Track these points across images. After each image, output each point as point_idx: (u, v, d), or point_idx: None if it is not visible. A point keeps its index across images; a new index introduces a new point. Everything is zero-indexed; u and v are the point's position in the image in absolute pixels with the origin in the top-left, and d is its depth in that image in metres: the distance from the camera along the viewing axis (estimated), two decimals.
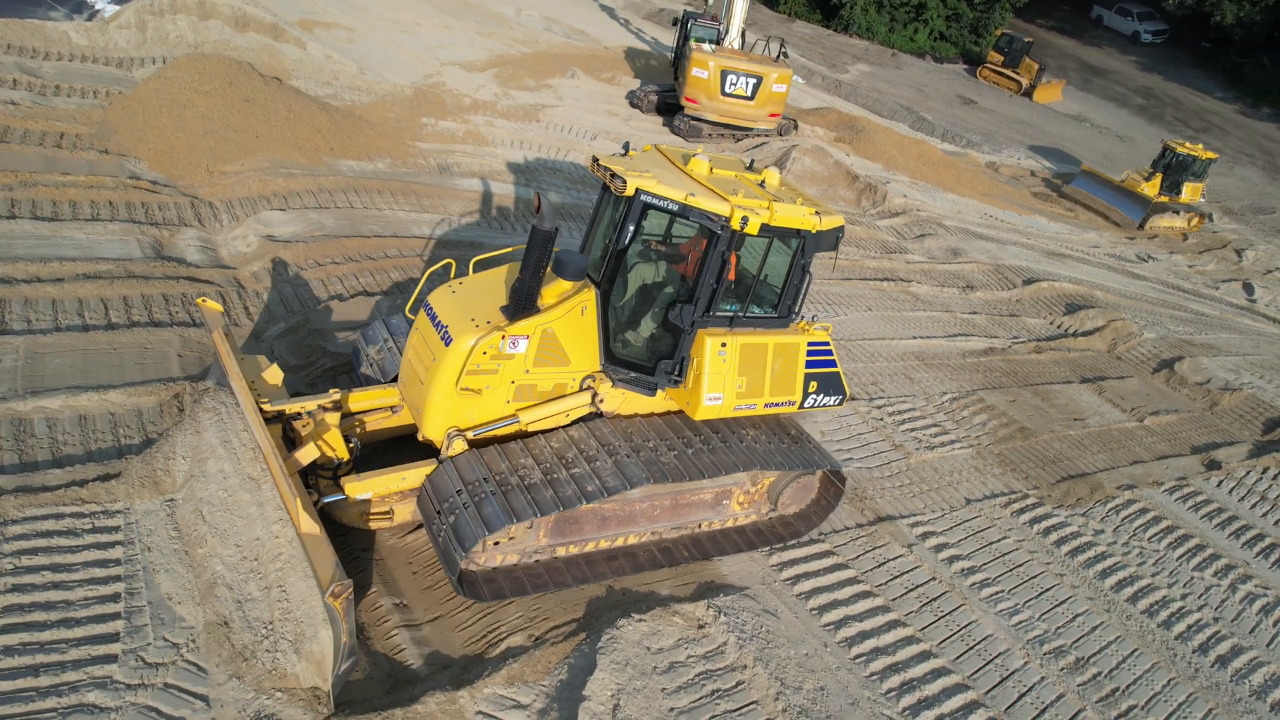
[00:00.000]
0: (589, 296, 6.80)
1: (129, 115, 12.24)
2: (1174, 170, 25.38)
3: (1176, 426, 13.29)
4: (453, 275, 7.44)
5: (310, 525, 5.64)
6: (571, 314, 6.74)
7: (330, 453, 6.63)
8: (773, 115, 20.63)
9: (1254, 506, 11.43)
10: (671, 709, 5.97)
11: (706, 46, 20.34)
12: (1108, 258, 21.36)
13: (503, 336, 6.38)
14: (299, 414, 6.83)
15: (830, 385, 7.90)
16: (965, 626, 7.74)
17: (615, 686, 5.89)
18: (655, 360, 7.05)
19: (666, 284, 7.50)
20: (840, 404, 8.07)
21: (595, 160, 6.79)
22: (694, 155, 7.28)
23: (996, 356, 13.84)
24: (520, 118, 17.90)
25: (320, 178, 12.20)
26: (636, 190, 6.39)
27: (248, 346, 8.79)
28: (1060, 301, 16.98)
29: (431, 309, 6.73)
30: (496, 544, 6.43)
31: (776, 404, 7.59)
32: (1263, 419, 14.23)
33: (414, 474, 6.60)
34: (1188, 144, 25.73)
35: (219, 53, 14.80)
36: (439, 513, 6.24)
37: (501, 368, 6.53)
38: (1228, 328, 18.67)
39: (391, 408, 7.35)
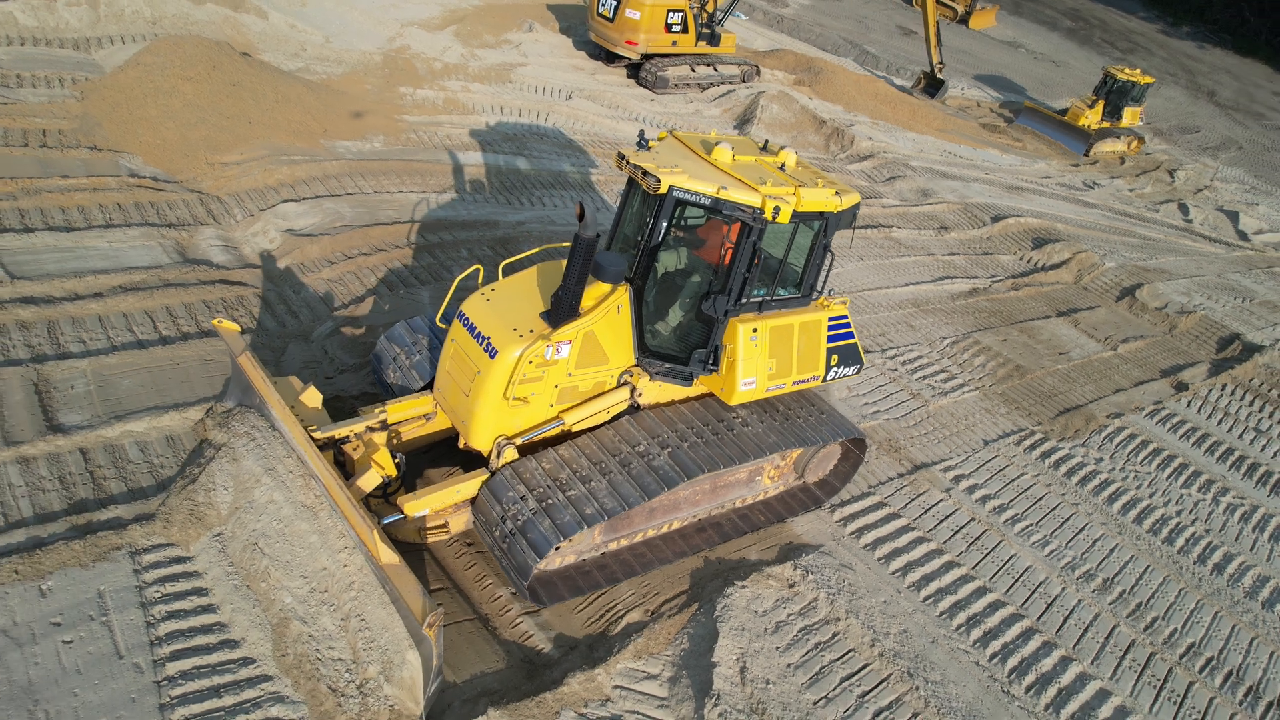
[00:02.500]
0: (623, 294, 6.81)
1: (112, 107, 11.75)
2: (1115, 96, 26.45)
3: (1145, 352, 14.42)
4: (480, 281, 7.34)
5: (390, 556, 5.59)
6: (609, 314, 6.77)
7: (381, 472, 6.56)
8: (629, 43, 19.73)
9: (1220, 423, 12.64)
10: (788, 665, 6.61)
11: None
12: (1059, 188, 22.40)
13: (548, 344, 6.38)
14: (347, 437, 6.76)
15: (849, 356, 8.15)
16: (1008, 561, 8.58)
17: (738, 650, 6.49)
18: (689, 350, 7.12)
19: (691, 271, 7.50)
20: (857, 372, 8.36)
21: (623, 158, 6.67)
22: (714, 143, 7.23)
23: (981, 297, 14.67)
24: (493, 80, 17.64)
25: (322, 163, 12.01)
26: (670, 188, 6.36)
27: (295, 349, 8.85)
28: (1027, 237, 17.91)
29: (468, 319, 6.66)
30: (557, 548, 6.43)
31: (803, 380, 7.76)
32: (1215, 338, 15.52)
33: (469, 485, 6.60)
34: (1127, 69, 26.79)
35: (187, 32, 14.17)
36: (503, 520, 6.27)
37: (546, 374, 6.55)
38: (1173, 250, 19.97)
39: (425, 416, 7.25)
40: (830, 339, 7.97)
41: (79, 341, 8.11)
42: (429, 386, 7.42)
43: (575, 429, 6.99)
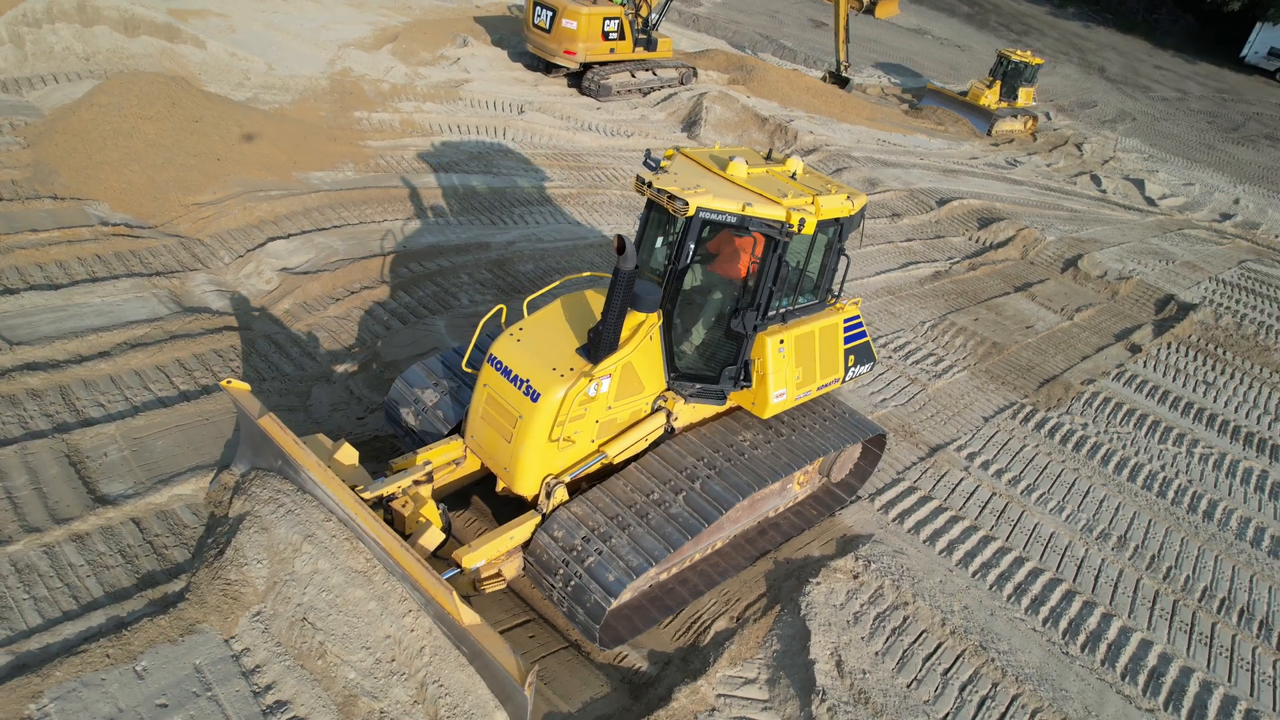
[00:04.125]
0: (654, 320, 6.72)
1: (67, 152, 11.14)
2: (1010, 77, 27.89)
3: (1097, 319, 15.39)
4: (504, 321, 7.18)
5: (473, 616, 5.39)
6: (644, 343, 6.69)
7: (438, 526, 6.38)
8: (568, 53, 19.76)
9: (1175, 379, 13.63)
10: (875, 653, 6.89)
11: None
12: (987, 168, 23.57)
13: (590, 381, 6.27)
14: (394, 494, 6.51)
15: (864, 354, 8.35)
16: (1034, 529, 9.11)
17: (831, 645, 6.73)
18: (719, 368, 7.10)
19: (709, 288, 7.41)
20: (870, 369, 8.59)
21: (646, 183, 6.48)
22: (725, 158, 7.11)
23: (945, 280, 15.37)
24: (443, 98, 17.42)
25: (300, 196, 11.67)
26: (697, 209, 6.25)
27: (320, 392, 8.65)
28: (972, 217, 18.81)
29: (501, 363, 6.47)
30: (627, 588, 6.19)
31: (826, 385, 7.87)
32: (1153, 300, 16.68)
33: (521, 530, 6.44)
34: (1019, 51, 28.27)
35: (124, 66, 13.51)
36: (565, 564, 6.14)
37: (588, 410, 6.45)
38: (1097, 220, 21.30)
39: (455, 461, 7.07)
40: (846, 340, 8.12)
41: (98, 406, 7.72)
42: (455, 430, 7.21)
43: (617, 461, 6.91)
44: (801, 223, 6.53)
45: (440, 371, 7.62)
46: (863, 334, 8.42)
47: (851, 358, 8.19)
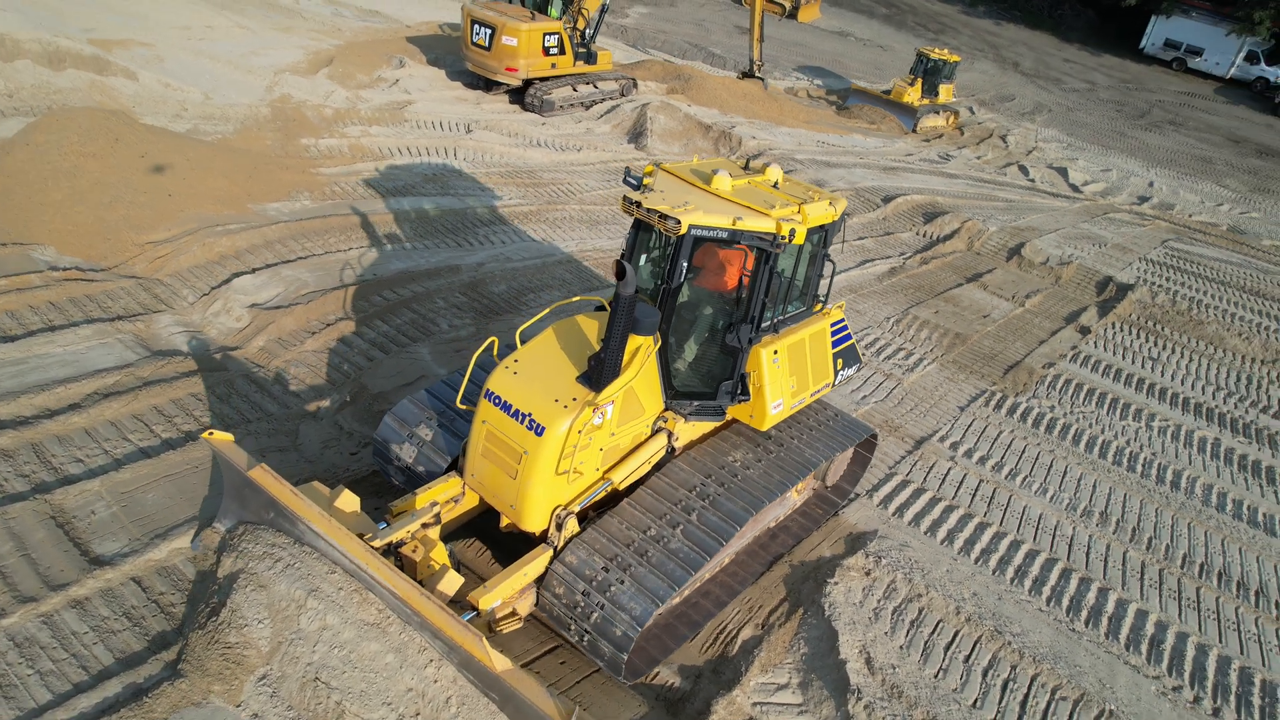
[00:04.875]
0: (649, 342, 6.61)
1: (4, 195, 10.55)
2: (930, 75, 28.79)
3: (1046, 304, 16.01)
4: (496, 353, 7.05)
5: (504, 662, 5.24)
6: (643, 365, 6.59)
7: (436, 568, 6.21)
8: (510, 70, 19.62)
9: (1124, 356, 14.27)
10: (899, 647, 7.01)
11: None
12: (923, 163, 24.30)
13: (594, 410, 6.16)
14: (403, 540, 6.31)
15: (850, 356, 8.42)
16: (1024, 512, 9.41)
17: (859, 644, 6.82)
18: (715, 384, 7.04)
19: (699, 304, 7.27)
20: (857, 370, 8.69)
21: (635, 204, 6.37)
22: (707, 172, 7.04)
23: (901, 275, 15.78)
24: (388, 121, 17.11)
25: (260, 229, 11.31)
26: (689, 227, 6.18)
27: (308, 430, 8.39)
28: (917, 213, 19.37)
29: (499, 397, 6.29)
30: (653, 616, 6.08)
31: (818, 390, 7.87)
32: (1093, 283, 17.44)
33: (534, 566, 6.28)
34: (937, 50, 29.26)
35: (52, 102, 12.89)
36: (586, 595, 6.04)
37: (593, 439, 6.36)
38: (1031, 209, 22.17)
39: (454, 499, 6.88)
40: (834, 344, 8.14)
41: (76, 461, 7.33)
42: (451, 466, 6.99)
43: (622, 487, 6.84)
44: (792, 233, 6.49)
45: (429, 406, 7.34)
46: (848, 336, 8.51)
47: (840, 361, 8.25)
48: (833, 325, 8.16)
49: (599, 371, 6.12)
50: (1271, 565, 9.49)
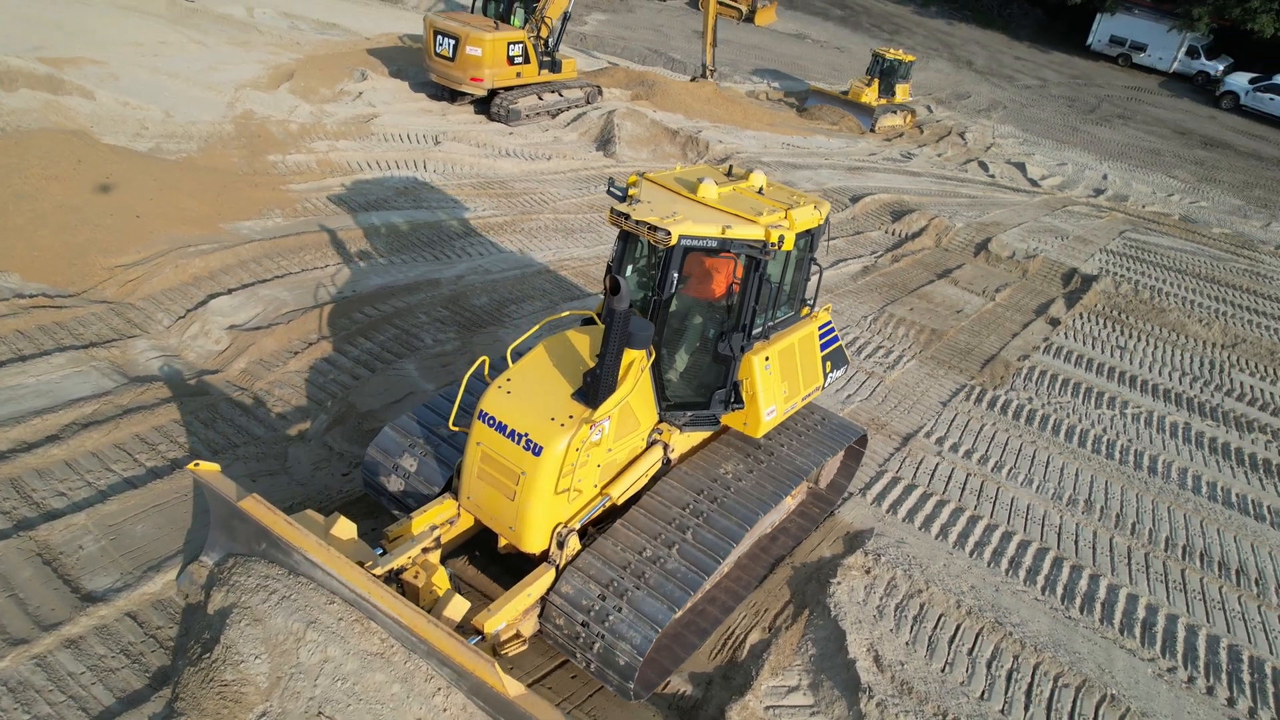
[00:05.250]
0: (642, 355, 6.50)
1: None
2: (886, 75, 29.19)
3: (1016, 297, 16.32)
4: (486, 373, 6.90)
5: (517, 687, 5.15)
6: (638, 380, 6.51)
7: (440, 593, 6.12)
8: (475, 80, 19.57)
9: (1094, 346, 14.60)
10: (905, 643, 7.08)
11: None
12: (886, 162, 24.65)
13: (591, 427, 6.06)
14: (404, 566, 6.19)
15: (838, 358, 8.48)
16: (1012, 503, 9.57)
17: (866, 643, 6.87)
18: (708, 393, 6.99)
19: (689, 313, 7.21)
20: (845, 372, 8.69)
21: (623, 215, 6.32)
22: (693, 180, 6.98)
23: (875, 274, 15.98)
24: (355, 134, 16.91)
25: (234, 249, 11.08)
26: (679, 237, 6.12)
27: (297, 452, 8.23)
28: (884, 211, 19.63)
29: (494, 418, 6.17)
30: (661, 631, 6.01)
31: (809, 394, 7.87)
32: (1059, 275, 17.82)
33: (537, 586, 6.18)
34: (892, 50, 29.70)
35: (4, 125, 12.49)
36: (590, 612, 5.97)
37: (590, 456, 6.28)
38: (994, 204, 22.60)
39: (449, 521, 6.77)
40: (822, 346, 8.18)
41: (59, 495, 7.10)
42: (445, 489, 6.86)
43: (620, 502, 6.78)
44: (781, 239, 6.44)
45: (418, 426, 7.19)
46: (835, 338, 8.56)
47: (828, 363, 8.29)
48: (820, 328, 8.20)
49: (595, 388, 6.01)
50: (1249, 544, 9.77)
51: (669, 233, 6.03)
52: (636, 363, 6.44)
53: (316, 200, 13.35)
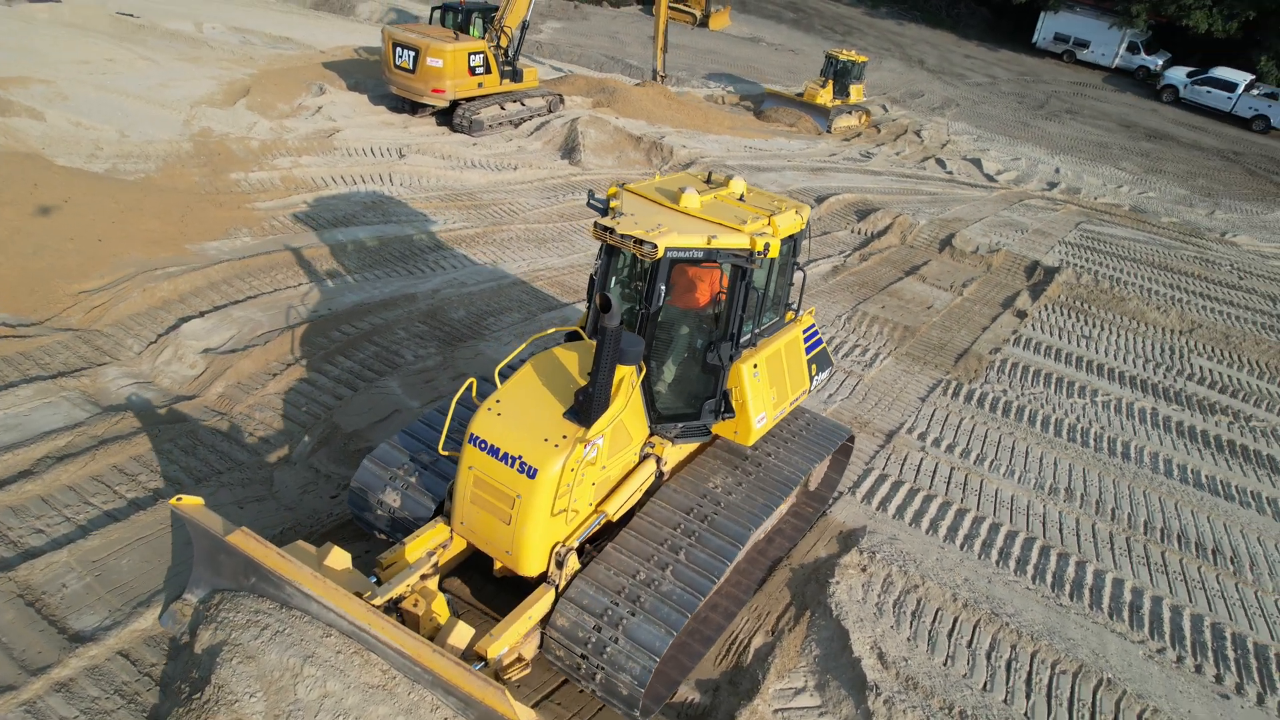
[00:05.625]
0: (633, 370, 6.42)
1: None
2: (840, 76, 29.59)
3: (982, 291, 16.63)
4: (474, 394, 6.77)
5: (529, 714, 5.08)
6: (630, 396, 6.44)
7: (441, 620, 6.01)
8: (436, 91, 19.42)
9: (1060, 336, 14.94)
10: (906, 639, 7.15)
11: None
12: (847, 162, 24.97)
13: (585, 445, 5.96)
14: (403, 595, 6.03)
15: (823, 360, 8.51)
16: (996, 495, 9.73)
17: (870, 640, 6.92)
18: (698, 403, 6.94)
19: (674, 323, 7.11)
20: (830, 375, 8.68)
21: (607, 230, 6.22)
22: (674, 190, 6.93)
23: (845, 273, 16.16)
24: (317, 150, 16.65)
25: (203, 270, 10.83)
26: (665, 250, 6.05)
27: (283, 476, 8.05)
28: (849, 211, 19.88)
29: (485, 442, 6.03)
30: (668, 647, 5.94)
31: (796, 398, 7.87)
32: (1022, 268, 18.20)
33: (538, 608, 6.09)
34: (845, 51, 30.11)
35: None
36: (585, 656, 5.86)
37: (585, 475, 6.17)
38: (954, 200, 23.02)
39: (442, 545, 6.57)
40: (807, 350, 8.19)
41: (37, 533, 6.86)
42: (437, 512, 6.70)
43: (616, 518, 6.67)
44: (766, 247, 6.36)
45: (403, 455, 6.98)
46: (819, 341, 8.60)
47: (814, 366, 8.29)
48: (804, 331, 8.22)
49: (588, 406, 5.87)
50: (1221, 524, 10.05)
51: (655, 246, 5.97)
52: (627, 378, 6.35)
53: (283, 218, 13.10)
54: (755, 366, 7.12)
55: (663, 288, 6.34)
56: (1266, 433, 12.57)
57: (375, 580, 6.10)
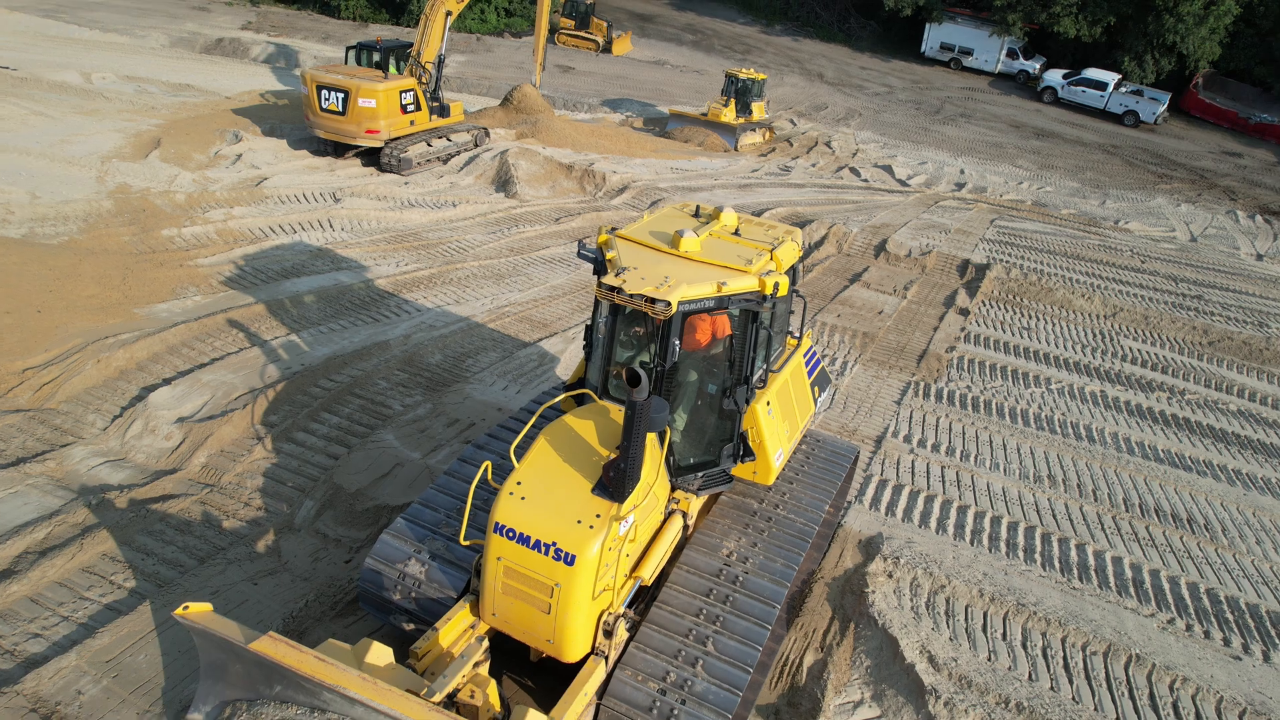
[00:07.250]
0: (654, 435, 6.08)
1: None
2: (741, 94, 30.31)
3: (923, 292, 17.28)
4: (489, 478, 6.19)
5: None
6: (659, 462, 6.20)
7: (496, 708, 5.69)
8: (370, 132, 19.12)
9: (1003, 329, 15.66)
10: (949, 639, 7.28)
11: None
12: (769, 176, 25.60)
13: (620, 522, 5.68)
14: (458, 688, 5.64)
15: (822, 380, 8.53)
16: (988, 489, 10.07)
17: (918, 645, 7.02)
18: (715, 449, 6.75)
19: (683, 368, 6.71)
20: (831, 392, 8.72)
21: (614, 290, 5.90)
22: (669, 233, 6.68)
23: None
24: (248, 200, 15.96)
25: (159, 335, 10.18)
26: (679, 305, 5.78)
27: (291, 545, 7.60)
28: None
29: (513, 530, 5.65)
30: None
31: (805, 424, 7.81)
32: (954, 267, 19.02)
33: (591, 682, 5.82)
34: (743, 70, 30.93)
35: None
36: (663, 693, 5.70)
37: (623, 549, 5.92)
38: (876, 206, 23.89)
39: (470, 626, 6.21)
40: (809, 373, 8.18)
41: (34, 638, 6.26)
42: (465, 591, 6.32)
43: (649, 582, 6.39)
44: (776, 286, 6.16)
45: (414, 537, 6.57)
46: (818, 363, 8.62)
47: (816, 388, 8.29)
48: (805, 355, 8.23)
49: (620, 481, 5.51)
50: (1188, 494, 10.68)
51: (669, 304, 5.68)
52: (653, 442, 6.09)
53: (229, 272, 12.48)
54: (769, 404, 6.97)
55: (677, 343, 6.04)
56: (1202, 404, 13.46)
57: (410, 669, 5.63)
